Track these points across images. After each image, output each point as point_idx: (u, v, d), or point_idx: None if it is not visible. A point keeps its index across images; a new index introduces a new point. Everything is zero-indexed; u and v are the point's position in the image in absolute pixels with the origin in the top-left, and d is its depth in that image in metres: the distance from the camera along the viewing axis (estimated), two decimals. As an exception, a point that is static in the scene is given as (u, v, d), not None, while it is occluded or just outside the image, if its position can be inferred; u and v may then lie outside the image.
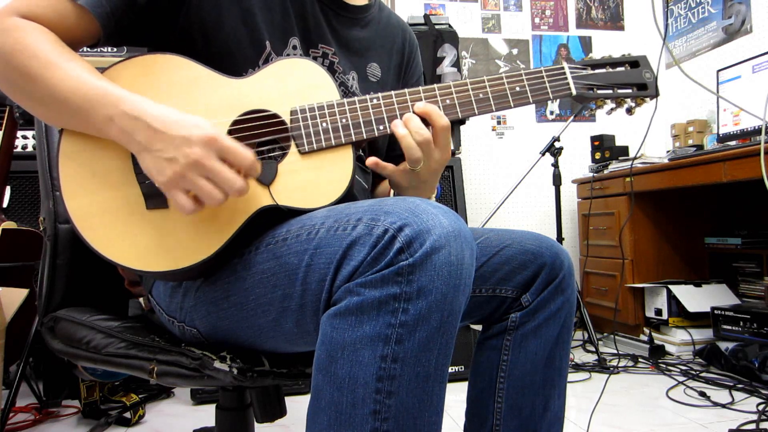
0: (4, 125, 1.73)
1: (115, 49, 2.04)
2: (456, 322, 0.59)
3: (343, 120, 0.76)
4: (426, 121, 0.77)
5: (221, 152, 0.65)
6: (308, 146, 0.75)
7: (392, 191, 0.91)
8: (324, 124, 0.76)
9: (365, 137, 0.77)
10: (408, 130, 0.76)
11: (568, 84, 0.83)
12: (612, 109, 0.89)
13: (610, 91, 0.85)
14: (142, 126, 0.65)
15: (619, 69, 0.86)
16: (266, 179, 0.73)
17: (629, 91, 0.86)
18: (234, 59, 0.80)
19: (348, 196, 0.75)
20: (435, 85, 0.79)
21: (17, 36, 0.68)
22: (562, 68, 0.83)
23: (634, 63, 0.87)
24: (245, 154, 0.66)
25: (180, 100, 0.73)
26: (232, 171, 0.65)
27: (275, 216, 0.73)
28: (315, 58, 0.88)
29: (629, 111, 0.88)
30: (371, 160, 0.79)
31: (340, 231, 0.62)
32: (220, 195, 0.65)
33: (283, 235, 0.69)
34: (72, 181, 0.71)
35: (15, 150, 1.84)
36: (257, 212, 0.72)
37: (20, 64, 0.68)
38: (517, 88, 0.81)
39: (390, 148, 1.03)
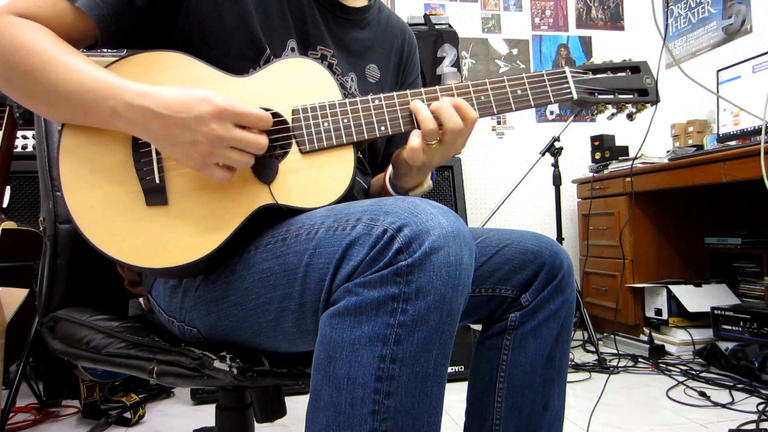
0: (4, 125, 1.73)
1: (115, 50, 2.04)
2: (455, 322, 0.59)
3: (345, 120, 0.76)
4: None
5: (236, 120, 0.67)
6: (309, 146, 0.75)
7: (387, 180, 0.91)
8: (325, 124, 0.76)
9: (366, 137, 0.77)
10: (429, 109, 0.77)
11: (569, 88, 0.83)
12: (613, 115, 0.89)
13: (611, 96, 0.85)
14: (150, 115, 0.66)
15: (620, 74, 0.86)
16: (267, 178, 0.73)
17: (630, 96, 0.86)
18: (232, 61, 0.80)
19: (348, 196, 0.75)
20: (437, 87, 0.79)
21: (15, 34, 0.68)
22: (564, 72, 0.83)
23: (635, 68, 0.87)
24: (258, 114, 0.68)
25: None
26: (251, 133, 0.68)
27: (275, 215, 0.73)
28: None
29: (630, 117, 0.88)
30: (412, 107, 0.78)
31: (339, 231, 0.62)
32: (249, 158, 0.69)
33: (283, 235, 0.69)
34: (72, 176, 0.71)
35: (15, 150, 1.84)
36: (257, 210, 0.72)
37: (20, 62, 0.68)
38: (519, 92, 0.81)
39: (386, 146, 1.03)
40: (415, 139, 0.77)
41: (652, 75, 0.87)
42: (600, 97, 0.85)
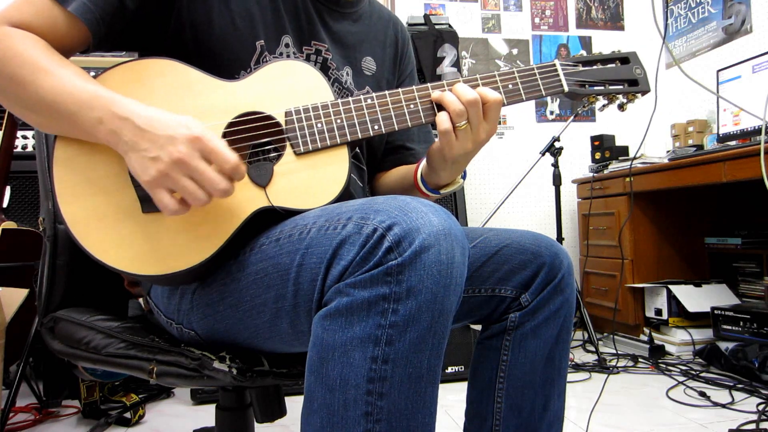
0: (4, 125, 1.74)
1: (115, 50, 2.04)
2: (447, 322, 0.59)
3: (338, 120, 0.76)
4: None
5: (205, 152, 0.65)
6: (303, 147, 0.75)
7: (419, 177, 0.90)
8: (319, 125, 0.76)
9: (360, 137, 0.77)
10: (453, 91, 0.77)
11: (560, 81, 0.83)
12: (604, 106, 0.89)
13: (602, 88, 0.86)
14: (130, 126, 0.65)
15: (609, 65, 0.87)
16: (262, 181, 0.73)
17: (620, 87, 0.86)
18: (226, 60, 0.80)
19: (344, 196, 0.74)
20: (428, 84, 0.79)
21: (7, 44, 0.68)
22: (554, 66, 0.84)
23: (624, 59, 0.88)
24: (229, 156, 0.65)
25: (173, 104, 0.73)
26: (215, 172, 0.65)
27: (272, 218, 0.73)
28: (308, 56, 0.88)
29: (621, 107, 0.89)
30: (435, 96, 0.78)
31: (330, 230, 0.62)
32: (203, 195, 0.65)
33: (276, 236, 0.69)
34: (67, 186, 0.71)
35: (15, 150, 1.85)
36: (253, 214, 0.72)
37: (11, 72, 0.68)
38: (510, 86, 0.81)
39: (388, 139, 1.03)
40: (444, 123, 0.77)
41: (641, 65, 0.87)
42: (590, 88, 0.85)
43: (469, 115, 0.77)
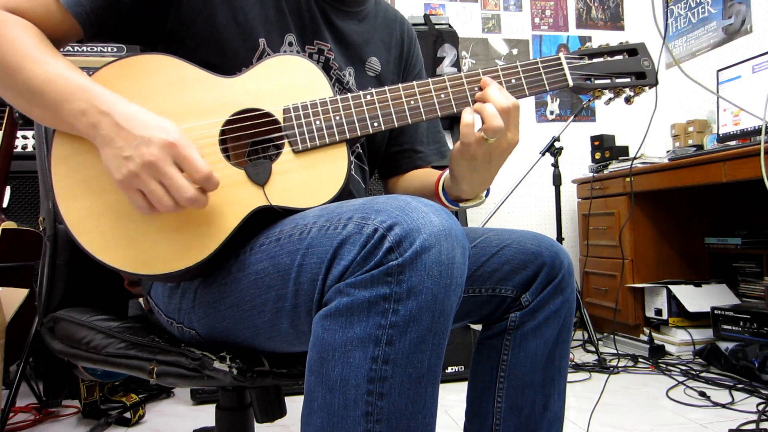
0: (4, 125, 1.73)
1: (114, 48, 2.04)
2: (448, 322, 0.59)
3: (337, 117, 0.75)
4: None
5: (178, 159, 0.65)
6: (302, 145, 0.74)
7: (441, 189, 0.89)
8: (317, 122, 0.75)
9: (359, 134, 0.76)
10: (490, 100, 0.75)
11: (564, 75, 0.81)
12: (610, 99, 0.86)
13: (608, 81, 0.83)
14: (109, 122, 0.65)
15: (617, 57, 0.84)
16: (260, 179, 0.72)
17: (628, 80, 0.83)
18: (227, 58, 0.79)
19: (344, 194, 0.74)
20: (429, 80, 0.78)
21: (1, 29, 0.68)
22: (559, 59, 0.82)
23: (632, 51, 0.85)
24: (200, 165, 0.65)
25: (170, 101, 0.72)
26: (185, 179, 0.65)
27: (271, 216, 0.73)
28: (310, 55, 0.87)
29: (628, 100, 0.86)
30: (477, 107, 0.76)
31: (331, 230, 0.62)
32: (169, 201, 0.65)
33: (276, 235, 0.69)
34: (65, 184, 0.71)
35: (15, 150, 1.84)
36: (251, 213, 0.72)
37: (1, 56, 0.68)
38: (513, 81, 0.79)
39: (389, 144, 1.02)
40: (468, 117, 0.75)
41: (650, 57, 0.84)
42: (596, 82, 0.83)
43: (504, 122, 0.74)
